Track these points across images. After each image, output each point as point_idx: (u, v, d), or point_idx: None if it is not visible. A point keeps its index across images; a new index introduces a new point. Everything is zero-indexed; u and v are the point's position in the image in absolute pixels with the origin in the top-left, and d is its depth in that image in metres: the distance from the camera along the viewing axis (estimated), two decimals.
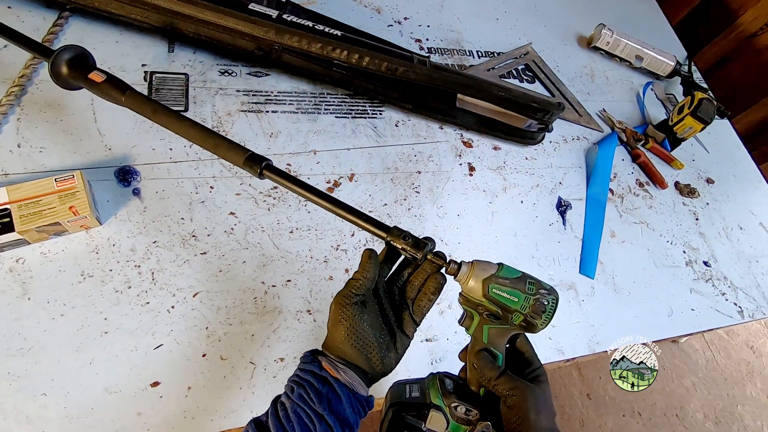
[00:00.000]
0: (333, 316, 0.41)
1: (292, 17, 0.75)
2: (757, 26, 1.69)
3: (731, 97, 1.84)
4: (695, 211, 0.94)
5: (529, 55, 1.02)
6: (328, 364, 0.40)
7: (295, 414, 0.37)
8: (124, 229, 0.59)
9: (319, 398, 0.38)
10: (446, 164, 0.81)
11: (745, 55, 1.77)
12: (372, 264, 0.41)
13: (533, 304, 0.41)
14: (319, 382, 0.39)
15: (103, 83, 0.55)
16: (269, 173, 0.47)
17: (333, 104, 0.80)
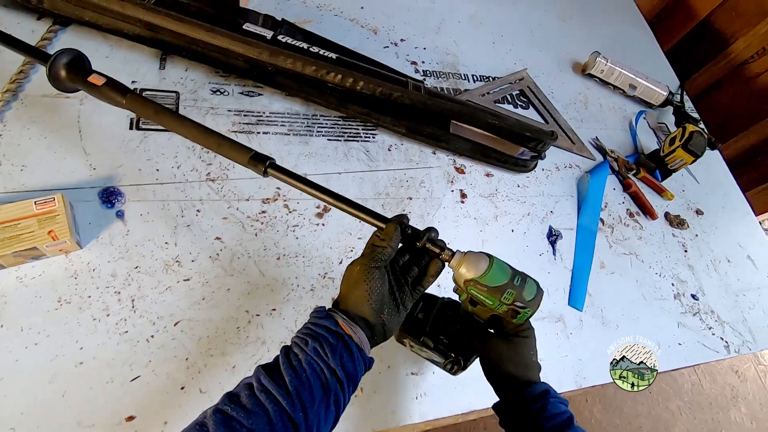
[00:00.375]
0: (356, 277, 0.44)
1: (287, 38, 0.75)
2: (748, 54, 1.72)
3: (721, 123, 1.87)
4: (684, 243, 0.94)
5: (524, 80, 1.02)
6: (343, 322, 0.42)
7: (309, 365, 0.39)
8: (106, 254, 0.58)
9: (333, 353, 0.40)
10: (438, 190, 0.80)
11: (735, 82, 1.80)
12: (396, 236, 0.46)
13: (506, 311, 0.46)
14: (334, 337, 0.41)
15: (103, 86, 0.56)
16: (274, 171, 0.50)
17: (326, 126, 0.79)
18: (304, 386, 0.38)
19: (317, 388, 0.38)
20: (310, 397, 0.38)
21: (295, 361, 0.39)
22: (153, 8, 0.67)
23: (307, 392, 0.38)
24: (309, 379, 0.38)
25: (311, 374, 0.38)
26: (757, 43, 1.69)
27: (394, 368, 0.63)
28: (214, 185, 0.66)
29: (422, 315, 0.56)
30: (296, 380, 0.38)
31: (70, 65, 0.58)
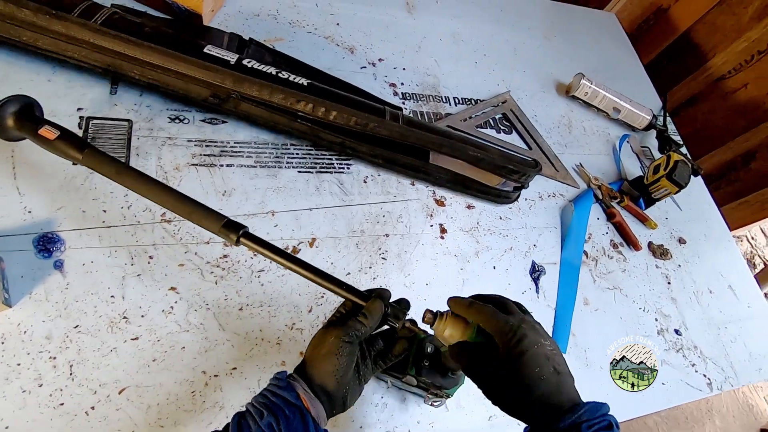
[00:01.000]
0: (328, 348, 0.42)
1: (253, 63, 0.69)
2: (726, 69, 1.73)
3: (698, 136, 1.88)
4: (668, 274, 0.92)
5: (507, 103, 0.99)
6: (304, 395, 0.40)
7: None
8: (40, 312, 0.51)
9: (289, 429, 0.38)
10: (416, 226, 0.76)
11: (712, 97, 1.81)
12: (379, 315, 0.45)
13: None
14: (292, 411, 0.39)
15: (56, 140, 0.50)
16: (247, 241, 0.47)
17: (296, 157, 0.73)
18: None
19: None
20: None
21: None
22: (100, 29, 0.61)
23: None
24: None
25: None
26: (735, 59, 1.70)
27: (366, 429, 0.58)
28: (170, 227, 0.60)
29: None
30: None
31: (19, 114, 0.53)
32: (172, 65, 0.62)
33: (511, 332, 0.41)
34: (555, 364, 0.41)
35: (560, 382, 0.40)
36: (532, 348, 0.40)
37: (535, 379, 0.39)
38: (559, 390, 0.40)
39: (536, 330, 0.43)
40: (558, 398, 0.39)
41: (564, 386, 0.40)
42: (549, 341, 0.43)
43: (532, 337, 0.41)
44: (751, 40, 1.63)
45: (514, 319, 0.42)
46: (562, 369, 0.42)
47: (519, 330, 0.41)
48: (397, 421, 0.60)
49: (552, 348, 0.42)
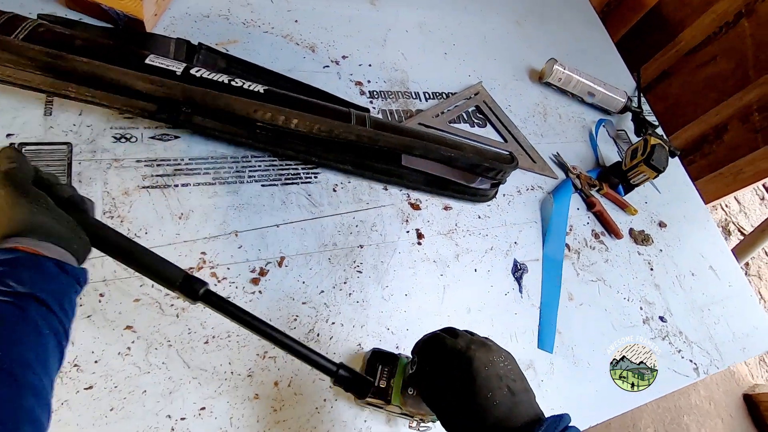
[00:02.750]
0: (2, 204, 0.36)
1: (203, 72, 0.63)
2: (695, 43, 1.73)
3: (671, 112, 1.88)
4: (650, 260, 0.91)
5: (479, 95, 0.95)
6: (21, 244, 0.35)
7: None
8: None
9: (20, 281, 0.33)
10: (392, 233, 0.72)
11: (683, 71, 1.81)
12: (20, 155, 0.40)
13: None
14: (16, 263, 0.33)
15: None
16: (207, 303, 0.44)
17: (259, 169, 0.68)
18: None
19: (14, 326, 0.31)
20: (9, 344, 0.30)
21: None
22: (24, 46, 0.54)
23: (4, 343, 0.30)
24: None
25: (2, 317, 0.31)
26: (703, 32, 1.70)
27: None
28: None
29: (384, 383, 0.53)
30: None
31: None
32: (107, 81, 0.56)
33: (458, 355, 0.40)
34: (509, 382, 0.40)
35: (515, 403, 0.39)
36: (483, 371, 0.39)
37: (488, 407, 0.38)
38: (514, 413, 0.38)
39: (487, 348, 0.41)
40: (513, 422, 0.38)
41: (519, 407, 0.39)
42: (502, 356, 0.41)
43: (481, 357, 0.40)
44: (718, 13, 1.62)
45: (462, 340, 0.41)
46: (518, 386, 0.40)
47: (467, 353, 0.40)
48: None
49: (506, 363, 0.41)
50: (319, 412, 0.56)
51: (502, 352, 0.42)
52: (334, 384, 0.48)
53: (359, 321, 0.63)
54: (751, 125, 1.66)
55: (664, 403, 1.70)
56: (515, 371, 0.41)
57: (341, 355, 0.60)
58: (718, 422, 1.74)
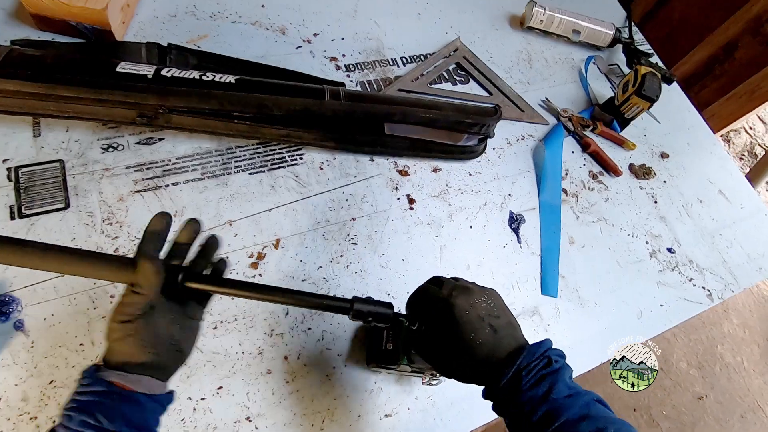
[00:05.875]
0: (116, 334, 0.38)
1: (173, 71, 0.64)
2: None
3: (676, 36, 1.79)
4: (653, 194, 0.90)
5: (458, 51, 0.93)
6: (120, 380, 0.37)
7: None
8: (11, 376, 0.50)
9: (112, 416, 0.36)
10: (383, 202, 0.73)
11: None
12: (154, 280, 0.39)
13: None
14: (111, 398, 0.36)
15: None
16: (192, 283, 0.43)
17: (244, 159, 0.70)
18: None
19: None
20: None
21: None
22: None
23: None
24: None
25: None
26: None
27: (365, 416, 0.58)
28: None
29: (392, 345, 0.56)
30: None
31: None
32: (82, 93, 0.58)
33: (441, 303, 0.42)
34: (492, 320, 0.42)
35: (499, 339, 0.41)
36: (464, 315, 0.41)
37: (472, 346, 0.40)
38: (499, 347, 0.41)
39: (468, 291, 0.43)
40: (498, 355, 0.40)
41: (503, 341, 0.41)
42: (485, 296, 0.43)
43: (462, 302, 0.42)
44: None
45: (445, 289, 0.43)
46: (501, 322, 0.42)
47: (449, 299, 0.42)
48: (395, 402, 0.60)
49: (489, 302, 0.43)
50: (330, 379, 0.59)
51: (484, 292, 0.44)
52: (352, 318, 0.45)
53: (359, 290, 0.66)
54: (763, 38, 1.57)
55: (694, 335, 1.68)
56: (499, 307, 0.43)
57: (345, 324, 0.63)
58: (754, 348, 1.72)
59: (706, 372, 1.62)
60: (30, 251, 0.38)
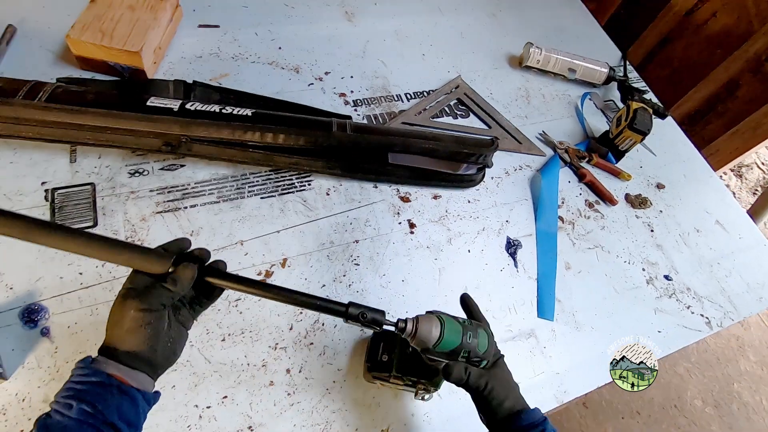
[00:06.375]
0: (129, 323, 0.40)
1: (196, 105, 0.72)
2: (692, 3, 1.71)
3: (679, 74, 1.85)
4: (650, 223, 0.92)
5: (459, 88, 1.00)
6: (118, 372, 0.39)
7: (79, 429, 0.36)
8: (35, 379, 0.55)
9: (108, 407, 0.37)
10: (385, 226, 0.77)
11: (685, 32, 1.79)
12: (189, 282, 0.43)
13: (465, 366, 0.50)
14: (107, 390, 0.38)
15: None
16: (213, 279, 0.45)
17: (257, 184, 0.76)
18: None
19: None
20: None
21: (57, 430, 0.35)
22: (46, 106, 0.64)
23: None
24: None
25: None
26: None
27: (362, 430, 0.60)
28: None
29: (386, 357, 0.59)
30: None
31: None
32: (116, 124, 0.66)
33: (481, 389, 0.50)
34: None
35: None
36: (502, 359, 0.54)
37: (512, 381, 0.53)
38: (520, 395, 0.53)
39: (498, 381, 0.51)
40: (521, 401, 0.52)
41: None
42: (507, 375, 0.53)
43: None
44: None
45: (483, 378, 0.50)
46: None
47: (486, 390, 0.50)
48: (392, 418, 0.62)
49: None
50: (329, 392, 0.62)
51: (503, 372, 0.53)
52: (347, 321, 0.48)
53: None
54: (763, 76, 1.61)
55: (710, 372, 1.64)
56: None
57: (345, 340, 0.66)
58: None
59: (723, 411, 1.57)
60: (77, 238, 0.41)
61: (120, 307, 0.40)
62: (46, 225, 0.42)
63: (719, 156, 1.74)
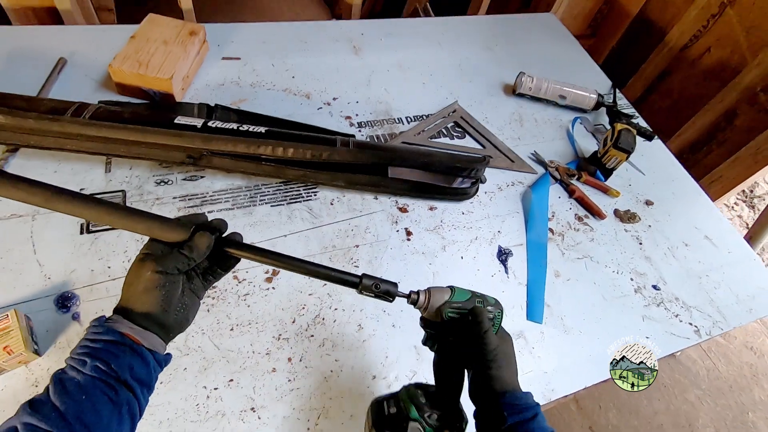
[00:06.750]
0: (144, 283, 0.41)
1: (217, 123, 0.81)
2: (686, 39, 1.80)
3: (679, 105, 1.93)
4: (638, 236, 0.97)
5: (456, 112, 1.08)
6: (131, 332, 0.40)
7: (92, 385, 0.37)
8: (65, 356, 0.61)
9: (121, 365, 0.38)
10: (383, 233, 0.84)
11: (681, 67, 1.88)
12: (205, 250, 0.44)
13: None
14: (120, 349, 0.39)
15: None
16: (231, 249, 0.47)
17: (268, 194, 0.84)
18: (85, 409, 0.36)
19: (104, 405, 0.37)
20: (96, 418, 0.36)
21: (71, 385, 0.37)
22: (89, 122, 0.74)
23: (90, 414, 0.36)
24: (92, 400, 0.36)
25: (94, 394, 0.37)
26: (691, 27, 1.78)
27: (357, 417, 0.64)
28: None
29: (395, 410, 0.51)
30: (75, 405, 0.35)
31: None
32: (147, 138, 0.75)
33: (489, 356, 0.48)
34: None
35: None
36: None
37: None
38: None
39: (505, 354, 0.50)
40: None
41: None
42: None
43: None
44: (700, 7, 1.70)
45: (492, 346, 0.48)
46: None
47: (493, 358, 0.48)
48: None
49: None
50: (327, 381, 0.67)
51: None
52: (360, 292, 0.49)
53: (358, 306, 0.74)
54: (759, 105, 1.68)
55: (722, 400, 1.60)
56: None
57: (344, 334, 0.71)
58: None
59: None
60: (98, 206, 0.43)
61: (136, 269, 0.42)
62: (68, 193, 0.43)
63: (722, 183, 1.78)
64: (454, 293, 0.50)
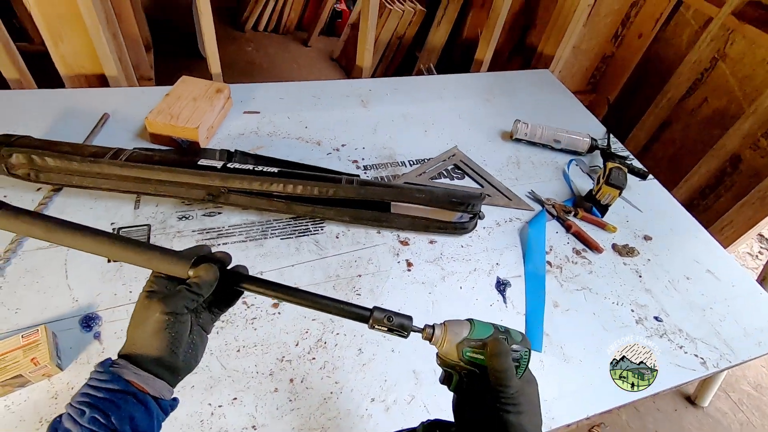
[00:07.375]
0: (153, 325, 0.39)
1: (236, 164, 0.91)
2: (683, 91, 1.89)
3: (682, 153, 1.98)
4: (637, 269, 0.98)
5: (456, 155, 1.16)
6: (136, 379, 0.38)
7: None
8: (84, 372, 0.66)
9: (121, 417, 0.36)
10: (385, 264, 0.89)
11: (682, 115, 1.95)
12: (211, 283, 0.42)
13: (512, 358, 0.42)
14: (122, 399, 0.36)
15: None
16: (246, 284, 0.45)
17: (278, 228, 0.91)
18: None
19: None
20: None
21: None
22: (124, 163, 0.85)
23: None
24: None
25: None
26: (686, 81, 1.87)
27: None
28: None
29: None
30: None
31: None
32: (173, 177, 0.84)
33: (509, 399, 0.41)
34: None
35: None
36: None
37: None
38: None
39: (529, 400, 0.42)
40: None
41: None
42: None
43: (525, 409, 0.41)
44: (693, 62, 1.81)
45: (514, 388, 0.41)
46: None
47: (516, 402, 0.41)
48: (381, 430, 0.67)
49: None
50: (326, 402, 0.69)
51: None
52: (371, 327, 0.45)
53: (359, 331, 0.78)
54: (762, 150, 1.72)
55: None
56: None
57: (344, 357, 0.74)
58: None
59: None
60: (100, 240, 0.42)
61: (143, 310, 0.40)
62: (68, 225, 0.42)
63: (734, 227, 1.78)
64: (474, 328, 0.44)
